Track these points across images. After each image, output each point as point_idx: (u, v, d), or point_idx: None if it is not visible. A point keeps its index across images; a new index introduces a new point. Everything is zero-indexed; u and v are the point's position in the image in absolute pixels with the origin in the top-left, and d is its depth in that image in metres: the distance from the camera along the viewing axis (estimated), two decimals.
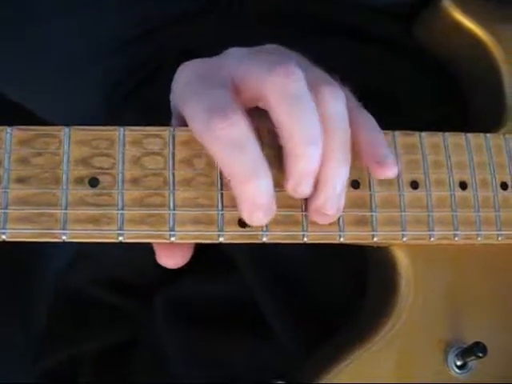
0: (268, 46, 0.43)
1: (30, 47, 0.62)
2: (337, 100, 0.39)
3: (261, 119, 0.40)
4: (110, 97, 0.65)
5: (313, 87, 0.38)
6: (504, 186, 0.46)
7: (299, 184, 0.39)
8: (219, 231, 0.40)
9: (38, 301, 0.77)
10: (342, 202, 0.41)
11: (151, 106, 0.60)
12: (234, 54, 0.42)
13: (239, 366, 0.56)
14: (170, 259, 0.41)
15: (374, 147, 0.41)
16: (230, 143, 0.37)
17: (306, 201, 0.41)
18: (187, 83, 0.41)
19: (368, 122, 0.42)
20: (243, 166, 0.38)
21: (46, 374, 0.63)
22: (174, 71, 0.63)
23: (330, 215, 0.40)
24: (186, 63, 0.42)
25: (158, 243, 0.41)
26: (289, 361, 0.54)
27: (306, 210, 0.41)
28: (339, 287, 0.55)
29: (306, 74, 0.38)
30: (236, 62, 0.41)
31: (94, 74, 0.65)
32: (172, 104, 0.43)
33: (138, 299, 0.62)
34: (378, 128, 0.42)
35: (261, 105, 0.40)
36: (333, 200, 0.40)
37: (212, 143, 0.38)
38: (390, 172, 0.40)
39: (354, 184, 0.43)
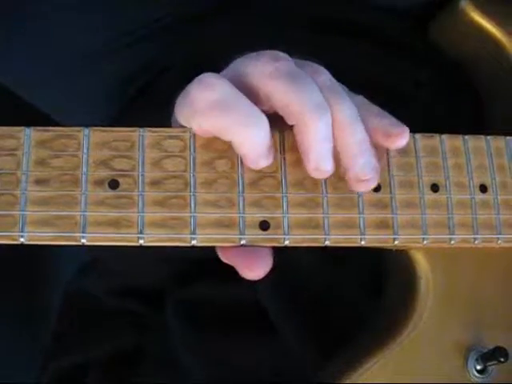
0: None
1: (40, 44, 0.61)
2: (326, 73, 0.40)
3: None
4: (118, 97, 0.64)
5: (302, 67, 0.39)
6: None
7: (319, 158, 0.38)
8: (241, 234, 0.40)
9: (50, 304, 0.77)
10: (375, 162, 0.40)
11: (158, 107, 0.60)
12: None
13: (250, 369, 0.56)
14: (251, 272, 0.40)
15: (378, 120, 0.41)
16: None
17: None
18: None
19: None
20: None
21: (54, 377, 0.62)
22: (181, 72, 0.62)
23: (371, 179, 0.40)
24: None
25: (238, 259, 0.40)
26: (298, 365, 0.54)
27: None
28: (350, 291, 0.55)
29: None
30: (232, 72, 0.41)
31: (102, 73, 0.64)
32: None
33: (149, 304, 0.62)
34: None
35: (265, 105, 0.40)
36: (368, 164, 0.39)
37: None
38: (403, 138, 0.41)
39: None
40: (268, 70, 0.38)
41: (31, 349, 0.77)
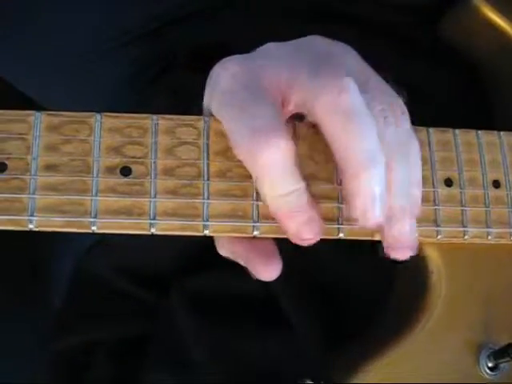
0: (310, 40, 0.40)
1: (42, 42, 0.60)
2: (406, 124, 0.38)
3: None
4: (120, 95, 0.64)
5: (369, 102, 0.36)
6: None
7: (367, 210, 0.35)
8: (254, 224, 0.39)
9: (57, 283, 0.75)
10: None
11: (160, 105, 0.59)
12: (274, 54, 0.39)
13: (256, 360, 0.55)
14: (266, 272, 0.40)
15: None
16: (273, 169, 0.35)
17: (342, 195, 0.40)
18: (227, 92, 0.38)
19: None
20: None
21: (56, 356, 0.61)
22: (184, 69, 0.62)
23: (409, 247, 0.37)
24: (223, 63, 0.39)
25: (250, 256, 0.40)
26: (307, 357, 0.53)
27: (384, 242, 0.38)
28: (362, 283, 0.54)
29: (361, 86, 0.36)
30: (280, 67, 0.38)
31: (103, 70, 0.64)
32: (205, 107, 0.40)
33: (155, 291, 0.61)
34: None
35: (310, 119, 0.38)
36: (407, 232, 0.37)
37: (254, 168, 0.36)
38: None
39: None
40: (329, 101, 0.35)
41: (34, 325, 0.75)
